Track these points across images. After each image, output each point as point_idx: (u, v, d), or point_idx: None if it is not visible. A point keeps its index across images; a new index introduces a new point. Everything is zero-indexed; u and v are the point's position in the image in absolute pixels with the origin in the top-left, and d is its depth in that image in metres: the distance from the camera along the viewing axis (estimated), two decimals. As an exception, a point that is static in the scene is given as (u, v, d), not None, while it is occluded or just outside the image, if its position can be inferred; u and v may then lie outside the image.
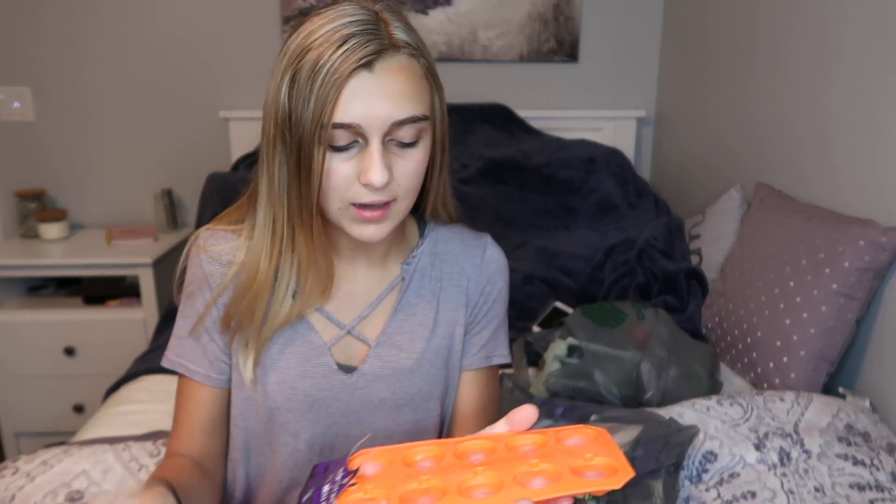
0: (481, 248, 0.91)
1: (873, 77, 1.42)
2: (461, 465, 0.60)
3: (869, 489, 1.07)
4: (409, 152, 0.74)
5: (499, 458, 0.61)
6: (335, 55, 0.68)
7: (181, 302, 0.87)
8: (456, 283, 0.89)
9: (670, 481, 1.09)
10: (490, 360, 0.92)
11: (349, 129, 0.70)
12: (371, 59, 0.69)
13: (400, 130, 0.72)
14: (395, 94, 0.70)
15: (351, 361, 0.85)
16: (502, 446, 0.62)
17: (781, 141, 1.77)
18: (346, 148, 0.72)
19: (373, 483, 0.60)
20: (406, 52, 0.72)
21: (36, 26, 2.36)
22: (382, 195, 0.73)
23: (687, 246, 2.00)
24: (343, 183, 0.72)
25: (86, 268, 2.24)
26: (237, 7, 2.41)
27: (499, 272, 0.92)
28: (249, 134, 2.41)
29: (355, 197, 0.73)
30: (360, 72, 0.69)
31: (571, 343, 1.49)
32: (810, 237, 1.45)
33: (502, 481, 0.57)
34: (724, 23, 2.08)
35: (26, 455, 1.20)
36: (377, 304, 0.86)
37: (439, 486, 0.58)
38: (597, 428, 0.64)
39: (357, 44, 0.69)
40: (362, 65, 0.69)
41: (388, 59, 0.70)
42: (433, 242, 0.90)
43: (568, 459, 0.59)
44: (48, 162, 2.48)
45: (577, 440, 0.63)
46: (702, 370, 1.44)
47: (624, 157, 2.38)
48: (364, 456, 0.64)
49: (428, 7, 2.43)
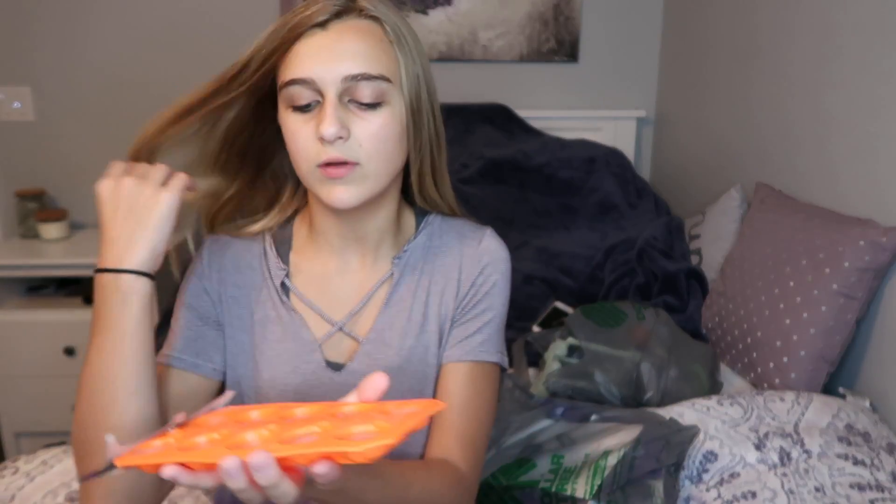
0: (477, 238, 0.88)
1: (873, 77, 1.42)
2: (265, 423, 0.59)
3: (869, 489, 1.07)
4: (370, 114, 0.74)
5: (298, 420, 0.59)
6: (297, 15, 0.73)
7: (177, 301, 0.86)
8: (448, 276, 0.86)
9: (670, 481, 1.09)
10: (475, 354, 0.85)
11: (304, 85, 0.72)
12: (326, 19, 0.73)
13: (357, 89, 0.73)
14: (348, 51, 0.72)
15: (341, 358, 0.85)
16: (327, 410, 0.60)
17: (781, 141, 1.77)
18: (307, 108, 0.74)
19: (183, 433, 0.60)
20: (367, 16, 0.75)
21: (36, 26, 2.36)
22: (340, 152, 0.73)
23: (687, 246, 1.99)
24: (307, 142, 0.74)
25: (86, 268, 2.23)
26: (237, 7, 2.41)
27: (494, 264, 0.87)
28: (249, 134, 2.41)
29: (317, 156, 0.73)
30: (314, 30, 0.73)
31: (571, 343, 1.49)
32: (810, 237, 1.45)
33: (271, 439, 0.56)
34: (724, 23, 2.08)
35: (26, 455, 1.21)
36: (367, 299, 0.85)
37: (228, 437, 0.57)
38: (435, 401, 0.60)
39: (319, 8, 0.73)
40: (317, 24, 0.73)
41: (346, 20, 0.74)
42: (428, 236, 0.88)
43: (354, 425, 0.55)
44: (48, 162, 2.47)
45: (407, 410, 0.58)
46: (702, 370, 1.44)
47: (624, 157, 2.38)
48: (213, 413, 0.65)
49: (428, 7, 2.43)
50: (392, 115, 0.75)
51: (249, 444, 0.55)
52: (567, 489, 1.03)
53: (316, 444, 0.53)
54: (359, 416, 0.57)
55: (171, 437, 0.59)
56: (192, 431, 0.60)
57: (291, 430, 0.56)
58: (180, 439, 0.58)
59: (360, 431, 0.54)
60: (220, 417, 0.64)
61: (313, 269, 0.86)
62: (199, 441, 0.57)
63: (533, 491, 1.07)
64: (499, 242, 0.90)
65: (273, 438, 0.55)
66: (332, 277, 0.85)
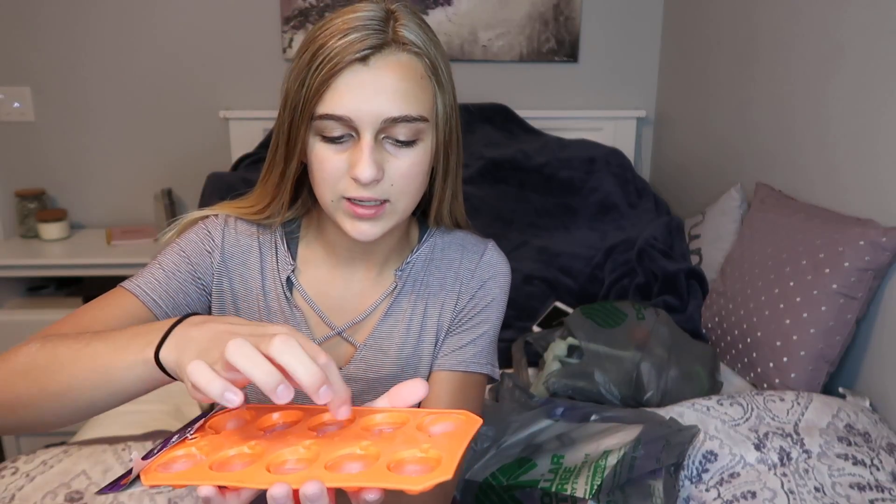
0: (479, 252, 0.88)
1: (874, 77, 1.42)
2: (298, 435, 0.56)
3: (869, 489, 1.07)
4: (405, 152, 0.72)
5: (340, 435, 0.56)
6: (334, 45, 0.69)
7: (172, 244, 0.83)
8: (448, 289, 0.87)
9: (670, 481, 1.09)
10: (466, 365, 0.85)
11: (340, 122, 0.70)
12: (368, 54, 0.69)
13: (394, 129, 0.71)
14: (389, 91, 0.69)
15: (337, 362, 0.85)
16: (360, 422, 0.57)
17: (782, 141, 1.77)
18: (339, 140, 0.71)
19: (209, 441, 0.56)
20: (408, 49, 0.71)
21: (36, 26, 2.36)
22: (373, 192, 0.72)
23: (687, 246, 2.00)
24: (334, 174, 0.72)
25: (86, 268, 2.23)
26: (237, 7, 2.41)
27: (494, 279, 0.87)
28: (249, 134, 2.42)
29: (345, 190, 0.72)
30: (355, 65, 0.69)
31: (571, 343, 1.49)
32: (810, 237, 1.45)
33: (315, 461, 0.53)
34: (724, 23, 2.08)
35: (26, 455, 1.20)
36: (370, 311, 0.85)
37: (253, 454, 0.55)
38: (471, 416, 0.57)
39: (358, 38, 0.69)
40: (358, 58, 0.69)
41: (387, 56, 0.70)
42: (430, 249, 0.88)
43: (402, 448, 0.53)
44: (48, 162, 2.48)
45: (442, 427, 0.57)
46: (702, 370, 1.44)
47: (624, 157, 2.38)
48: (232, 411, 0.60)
49: (428, 7, 2.43)
50: (424, 152, 0.74)
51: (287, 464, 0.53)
52: (567, 489, 1.03)
53: (369, 475, 0.50)
54: (400, 436, 0.55)
55: (192, 445, 0.56)
56: (216, 440, 0.57)
57: (333, 452, 0.53)
58: (206, 451, 0.55)
59: (410, 458, 0.52)
60: (236, 420, 0.61)
61: (319, 272, 0.86)
62: (230, 455, 0.55)
63: (533, 491, 1.07)
64: (500, 257, 0.89)
65: (314, 459, 0.53)
66: (336, 282, 0.85)
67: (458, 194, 0.85)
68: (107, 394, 0.61)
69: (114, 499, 1.12)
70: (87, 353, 0.62)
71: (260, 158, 2.26)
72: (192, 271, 0.81)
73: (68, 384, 0.62)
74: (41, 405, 0.63)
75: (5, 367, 0.64)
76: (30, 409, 0.64)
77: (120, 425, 1.40)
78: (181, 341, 0.57)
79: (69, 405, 0.63)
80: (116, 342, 0.61)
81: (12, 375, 0.64)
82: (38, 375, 0.63)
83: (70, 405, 0.63)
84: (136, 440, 1.27)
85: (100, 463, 1.18)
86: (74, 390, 0.61)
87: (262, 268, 0.84)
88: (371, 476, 0.50)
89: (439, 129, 0.76)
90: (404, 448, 0.53)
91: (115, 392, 0.61)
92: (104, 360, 0.60)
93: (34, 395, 0.63)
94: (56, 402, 0.63)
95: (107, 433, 1.37)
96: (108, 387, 0.60)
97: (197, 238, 0.83)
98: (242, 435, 0.57)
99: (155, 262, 0.81)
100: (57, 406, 0.63)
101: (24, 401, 0.63)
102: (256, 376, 0.50)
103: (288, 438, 0.56)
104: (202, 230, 0.84)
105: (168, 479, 0.51)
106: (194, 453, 0.55)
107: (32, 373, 0.63)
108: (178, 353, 0.56)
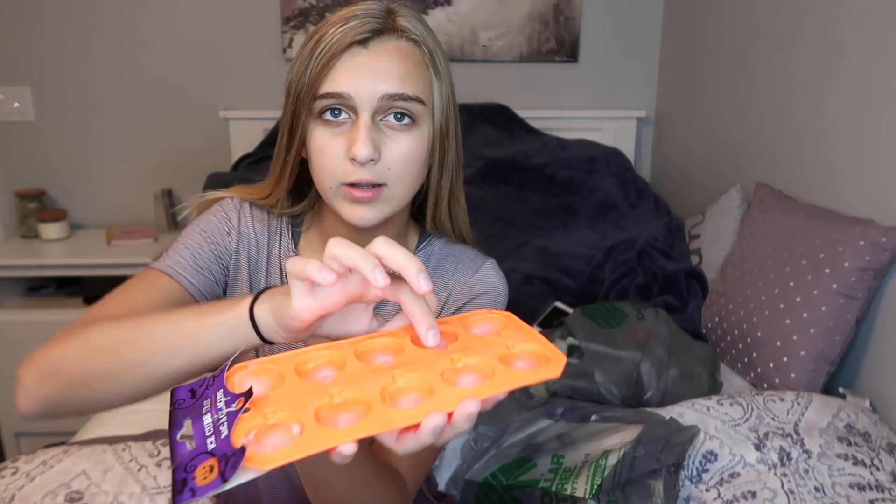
0: (474, 267, 0.85)
1: (874, 77, 1.42)
2: (371, 370, 0.52)
3: (869, 489, 1.07)
4: (402, 136, 0.74)
5: (412, 357, 0.53)
6: (335, 31, 0.72)
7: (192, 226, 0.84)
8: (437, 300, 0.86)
9: (670, 481, 1.09)
10: None
11: (338, 100, 0.72)
12: (367, 37, 0.72)
13: (391, 108, 0.73)
14: (386, 71, 0.72)
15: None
16: (408, 342, 0.55)
17: (782, 141, 1.77)
18: (338, 118, 0.73)
19: (271, 404, 0.48)
20: (406, 37, 0.74)
21: (36, 26, 2.36)
22: (370, 174, 0.72)
23: (687, 246, 1.99)
24: (335, 160, 0.73)
25: (86, 268, 2.23)
26: (237, 7, 2.41)
27: (485, 295, 0.83)
28: (249, 134, 2.41)
29: (345, 175, 0.73)
30: (355, 47, 0.72)
31: (571, 343, 1.49)
32: (810, 237, 1.45)
33: (430, 384, 0.49)
34: (725, 23, 2.08)
35: (26, 455, 1.21)
36: None
37: (357, 398, 0.49)
38: (502, 312, 0.60)
39: (358, 23, 0.72)
40: (358, 41, 0.72)
41: (385, 40, 0.73)
42: (426, 257, 0.87)
43: (489, 351, 0.53)
44: (48, 162, 2.48)
45: (485, 327, 0.58)
46: (702, 370, 1.44)
47: (624, 157, 2.38)
48: (244, 372, 0.53)
49: (428, 7, 2.43)
50: (421, 138, 0.75)
51: (399, 398, 0.49)
52: (567, 489, 1.03)
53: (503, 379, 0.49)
54: (475, 343, 0.54)
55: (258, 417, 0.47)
56: (279, 400, 0.49)
57: (434, 372, 0.50)
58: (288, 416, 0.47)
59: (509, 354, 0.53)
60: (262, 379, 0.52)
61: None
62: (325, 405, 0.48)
63: (533, 490, 1.07)
64: (497, 275, 0.86)
65: (422, 386, 0.49)
66: None
67: (459, 198, 0.85)
68: (190, 358, 0.62)
69: (114, 498, 1.12)
70: (170, 320, 0.63)
71: (260, 158, 2.26)
72: (214, 251, 0.83)
73: (151, 352, 0.63)
74: (119, 377, 0.64)
75: (75, 344, 0.65)
76: (106, 382, 0.65)
77: (119, 425, 1.40)
78: (271, 295, 0.60)
79: (149, 373, 0.63)
80: (201, 310, 0.63)
81: (85, 350, 0.65)
82: (116, 346, 0.64)
83: (150, 373, 0.63)
84: (136, 440, 1.27)
85: (100, 463, 1.18)
86: (157, 356, 0.63)
87: (268, 253, 0.86)
88: (508, 379, 0.49)
89: (435, 118, 0.77)
90: (491, 350, 0.53)
91: (199, 355, 0.62)
92: (191, 324, 0.62)
93: (112, 367, 0.64)
94: (136, 371, 0.64)
95: (106, 433, 1.37)
96: (193, 350, 0.62)
97: (216, 220, 0.85)
98: (302, 388, 0.51)
99: (179, 243, 0.82)
100: (136, 376, 0.64)
101: (100, 374, 0.65)
102: (358, 261, 0.53)
103: (362, 375, 0.51)
104: (220, 212, 0.85)
105: (293, 452, 0.44)
106: (274, 423, 0.47)
107: (110, 344, 0.64)
108: (272, 302, 0.59)
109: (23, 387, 0.67)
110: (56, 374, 0.66)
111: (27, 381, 0.67)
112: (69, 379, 0.65)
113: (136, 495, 1.13)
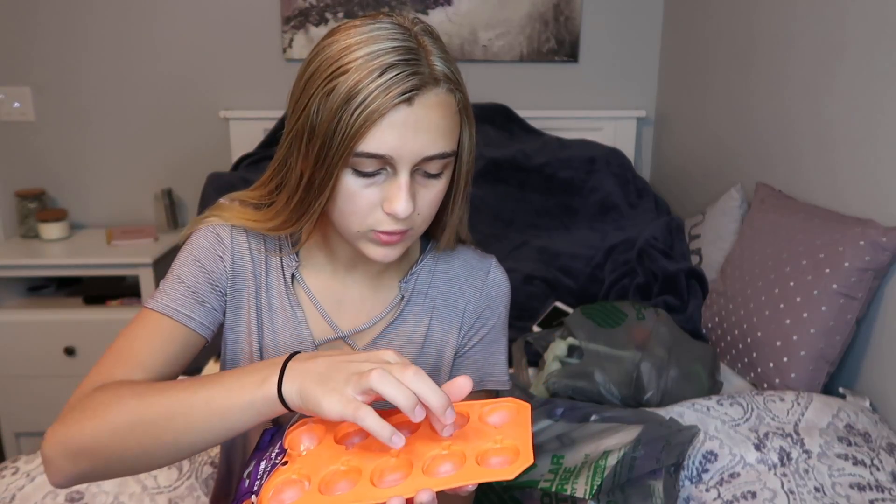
0: (484, 270, 0.90)
1: (874, 77, 1.42)
2: (381, 446, 0.60)
3: (869, 489, 1.07)
4: (432, 183, 0.74)
5: (418, 437, 0.62)
6: (374, 85, 0.66)
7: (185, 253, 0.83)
8: (452, 305, 0.89)
9: (670, 481, 1.09)
10: (484, 384, 0.89)
11: (379, 159, 0.69)
12: (412, 95, 0.68)
13: (429, 164, 0.72)
14: (431, 130, 0.70)
15: None
16: (426, 422, 0.62)
17: (782, 141, 1.77)
18: (373, 174, 0.71)
19: (301, 463, 0.61)
20: (445, 86, 0.71)
21: (36, 26, 2.36)
22: (403, 224, 0.73)
23: (687, 246, 2.00)
24: (366, 208, 0.72)
25: (86, 268, 2.23)
26: (237, 7, 2.41)
27: (500, 297, 0.90)
28: (249, 134, 2.41)
29: (376, 224, 0.73)
30: (400, 106, 0.68)
31: (571, 343, 1.49)
32: (810, 237, 1.45)
33: (411, 466, 0.59)
34: (724, 23, 2.08)
35: (26, 455, 1.21)
36: (377, 320, 0.86)
37: (357, 467, 0.60)
38: (520, 402, 0.65)
39: (399, 76, 0.67)
40: (403, 100, 0.67)
41: (428, 94, 0.69)
42: (433, 260, 0.89)
43: (479, 442, 0.61)
44: (48, 162, 2.48)
45: (499, 417, 0.64)
46: (702, 370, 1.44)
47: (624, 157, 2.38)
48: (302, 428, 0.65)
49: (428, 7, 2.43)
50: (447, 181, 0.76)
51: (385, 474, 0.59)
52: (567, 489, 1.03)
53: (467, 474, 0.58)
54: (470, 432, 0.62)
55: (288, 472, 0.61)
56: (308, 461, 0.61)
57: (422, 457, 0.60)
58: (304, 473, 0.60)
59: (491, 450, 0.60)
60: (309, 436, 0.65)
61: (320, 275, 0.86)
62: (333, 471, 0.60)
63: (533, 491, 1.07)
64: (503, 274, 0.92)
65: (408, 465, 0.59)
66: (336, 287, 0.86)
67: (464, 218, 0.87)
68: (221, 432, 0.65)
69: (114, 499, 1.12)
70: (199, 399, 0.65)
71: (260, 158, 2.26)
72: (209, 280, 0.82)
73: (184, 431, 0.65)
74: (154, 452, 0.67)
75: (105, 425, 0.67)
76: (142, 459, 0.68)
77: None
78: (298, 374, 0.62)
79: (185, 449, 0.67)
80: (226, 384, 0.65)
81: (117, 433, 0.67)
82: (148, 429, 0.66)
83: (184, 447, 0.67)
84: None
85: (100, 463, 1.18)
86: (190, 434, 0.65)
87: (266, 265, 0.85)
88: (468, 474, 0.57)
89: (462, 160, 0.78)
90: (480, 442, 0.60)
91: (230, 429, 0.65)
92: (219, 403, 0.64)
93: (147, 446, 0.67)
94: (170, 447, 0.67)
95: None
96: (224, 425, 0.65)
97: (207, 244, 0.83)
98: (328, 451, 0.62)
99: (173, 275, 0.81)
100: (170, 450, 0.67)
101: (135, 452, 0.67)
102: (400, 401, 0.58)
103: (372, 447, 0.61)
104: (211, 234, 0.83)
105: None
106: (295, 479, 0.60)
107: (140, 426, 0.66)
108: (301, 385, 0.61)
109: (52, 464, 0.69)
110: (89, 454, 0.67)
111: (55, 459, 0.68)
112: (105, 458, 0.68)
113: (136, 495, 1.13)
